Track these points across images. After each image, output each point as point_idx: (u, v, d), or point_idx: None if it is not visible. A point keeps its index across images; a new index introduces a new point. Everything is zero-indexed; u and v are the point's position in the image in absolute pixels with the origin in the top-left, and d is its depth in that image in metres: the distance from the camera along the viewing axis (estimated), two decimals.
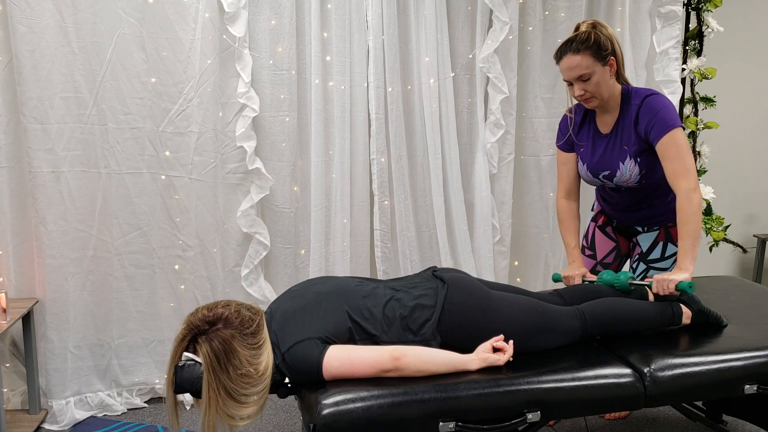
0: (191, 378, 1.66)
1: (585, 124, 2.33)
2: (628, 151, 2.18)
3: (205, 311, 1.70)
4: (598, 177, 2.29)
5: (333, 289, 1.83)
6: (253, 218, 2.82)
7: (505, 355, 1.79)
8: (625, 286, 2.14)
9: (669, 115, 2.09)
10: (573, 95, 2.19)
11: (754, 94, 3.90)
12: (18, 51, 2.47)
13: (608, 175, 2.26)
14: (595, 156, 2.28)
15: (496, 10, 2.98)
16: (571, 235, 2.41)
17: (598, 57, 2.09)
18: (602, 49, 2.09)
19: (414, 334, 1.79)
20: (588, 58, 2.09)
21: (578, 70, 2.10)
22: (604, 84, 2.13)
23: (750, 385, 1.88)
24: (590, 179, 2.33)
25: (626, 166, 2.20)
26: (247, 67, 2.71)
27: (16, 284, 2.67)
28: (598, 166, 2.27)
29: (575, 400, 1.76)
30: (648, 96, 2.15)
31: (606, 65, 2.11)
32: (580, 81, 2.12)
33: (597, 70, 2.10)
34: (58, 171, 2.60)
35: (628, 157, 2.19)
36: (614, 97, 2.19)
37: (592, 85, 2.12)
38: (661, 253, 2.36)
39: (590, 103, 2.18)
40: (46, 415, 2.68)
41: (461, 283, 1.88)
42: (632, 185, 2.24)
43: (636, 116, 2.15)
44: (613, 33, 2.15)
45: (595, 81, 2.11)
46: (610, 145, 2.24)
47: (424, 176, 3.09)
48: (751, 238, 4.01)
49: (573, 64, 2.10)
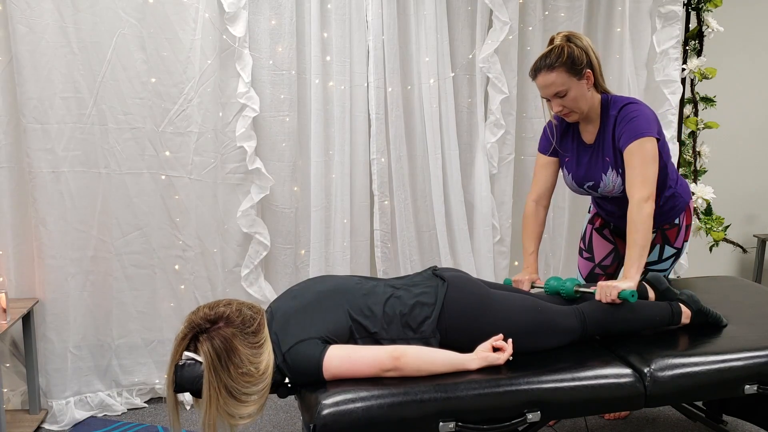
0: (191, 377, 1.66)
1: (569, 134, 2.29)
2: (609, 162, 2.16)
3: (206, 310, 1.70)
4: (583, 187, 2.28)
5: (333, 288, 1.83)
6: (253, 218, 2.82)
7: (504, 354, 1.80)
8: (570, 293, 2.08)
9: (642, 124, 2.04)
10: (551, 111, 2.16)
11: (754, 94, 3.90)
12: (18, 51, 2.47)
13: (592, 186, 2.25)
14: (581, 167, 2.25)
15: (496, 10, 2.98)
16: (531, 241, 2.36)
17: (573, 72, 2.04)
18: (577, 63, 2.04)
19: (414, 331, 1.79)
20: (563, 74, 2.04)
21: (554, 88, 2.06)
22: (582, 98, 2.09)
23: (750, 385, 1.88)
24: (575, 189, 2.32)
25: (609, 177, 2.18)
26: (247, 67, 2.71)
27: (16, 284, 2.67)
28: (582, 176, 2.25)
29: (575, 400, 1.77)
30: (626, 105, 2.11)
31: (582, 79, 2.07)
32: (557, 97, 2.08)
33: (573, 85, 2.06)
34: (58, 171, 2.60)
35: (610, 168, 2.17)
36: (594, 108, 2.16)
37: (570, 101, 2.08)
38: (658, 255, 2.35)
39: (570, 117, 2.15)
40: (46, 415, 2.68)
41: (461, 281, 1.88)
42: (617, 195, 2.23)
43: (614, 126, 2.12)
44: (588, 44, 2.09)
45: (572, 96, 2.07)
46: (594, 156, 2.21)
47: (424, 176, 3.09)
48: (751, 238, 4.01)
49: (548, 82, 2.06)
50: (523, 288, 2.24)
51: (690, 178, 3.46)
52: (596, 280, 2.48)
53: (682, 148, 3.43)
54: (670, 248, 2.33)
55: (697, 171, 3.47)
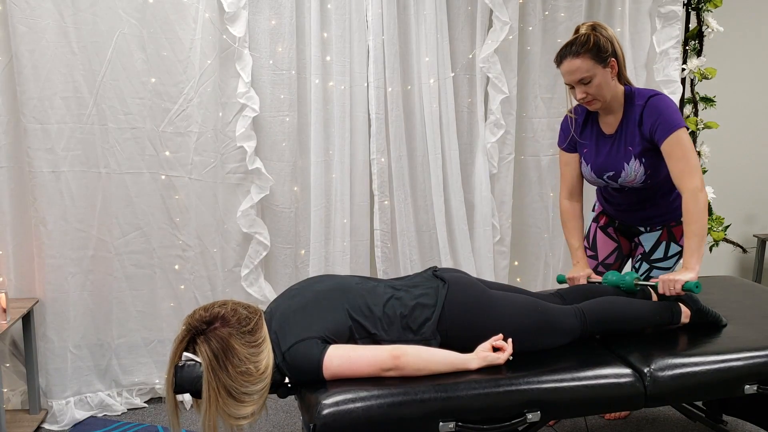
0: (191, 378, 1.66)
1: (588, 125, 2.32)
2: (632, 152, 2.18)
3: (202, 312, 1.71)
4: (603, 178, 2.28)
5: (333, 287, 1.83)
6: (253, 218, 2.82)
7: (504, 354, 1.80)
8: (631, 286, 2.12)
9: (673, 116, 2.09)
10: (575, 98, 2.19)
11: (754, 94, 3.90)
12: (18, 51, 2.47)
13: (613, 176, 2.25)
14: (600, 157, 2.27)
15: (496, 10, 2.98)
16: (575, 237, 2.40)
17: (598, 59, 2.08)
18: (602, 51, 2.08)
19: (414, 333, 1.79)
20: (588, 60, 2.07)
21: (579, 74, 2.09)
22: (606, 86, 2.12)
23: (750, 385, 1.88)
24: (594, 180, 2.32)
25: (631, 167, 2.20)
26: (247, 67, 2.71)
27: (16, 284, 2.67)
28: (603, 166, 2.26)
29: (575, 400, 1.76)
30: (652, 96, 2.14)
31: (607, 67, 2.10)
32: (582, 84, 2.11)
33: (598, 72, 2.09)
34: (58, 171, 2.60)
35: (633, 158, 2.18)
36: (617, 98, 2.18)
37: (594, 88, 2.11)
38: (664, 252, 2.35)
39: (593, 105, 2.17)
40: (46, 415, 2.68)
41: (461, 282, 1.88)
42: (637, 185, 2.24)
43: (640, 117, 2.15)
44: (613, 34, 2.13)
45: (597, 83, 2.10)
46: (615, 146, 2.23)
47: (424, 176, 3.09)
48: (751, 238, 4.01)
49: (573, 68, 2.09)
50: (580, 283, 2.27)
51: None
52: None
53: None
54: (676, 245, 2.33)
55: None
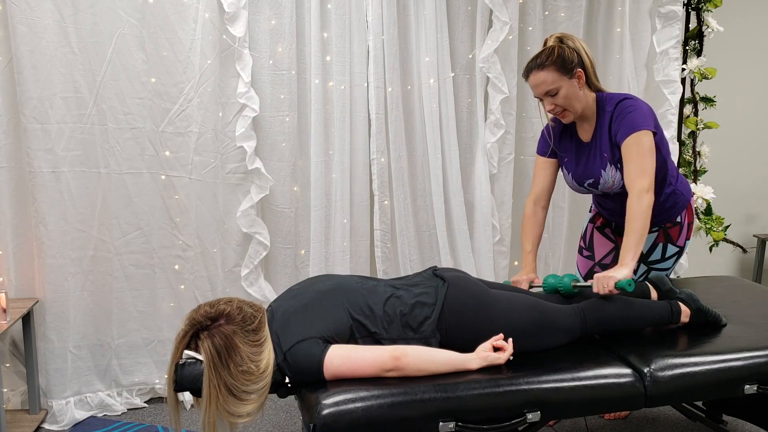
0: (192, 376, 1.66)
1: (566, 134, 2.32)
2: (607, 158, 2.18)
3: (207, 308, 1.70)
4: (584, 185, 2.30)
5: (333, 287, 1.83)
6: (253, 218, 2.82)
7: (505, 354, 1.80)
8: (568, 289, 2.08)
9: (637, 118, 2.08)
10: (546, 111, 2.20)
11: (754, 94, 3.90)
12: (18, 51, 2.47)
13: (592, 183, 2.26)
14: (580, 166, 2.28)
15: (496, 10, 2.98)
16: (529, 240, 2.38)
17: (563, 71, 2.09)
18: (567, 62, 2.09)
19: (414, 331, 1.79)
20: (553, 72, 2.09)
21: (545, 86, 2.11)
22: (574, 97, 2.13)
23: (750, 385, 1.88)
24: (576, 187, 2.34)
25: (608, 173, 2.20)
26: (247, 67, 2.71)
27: (16, 284, 2.67)
28: (582, 175, 2.27)
29: (575, 400, 1.77)
30: (621, 100, 2.15)
31: (573, 78, 2.11)
32: (549, 96, 2.13)
33: (563, 84, 2.10)
34: (58, 171, 2.60)
35: (608, 164, 2.19)
36: (589, 106, 2.19)
37: (561, 99, 2.12)
38: (661, 254, 2.36)
39: (565, 117, 2.18)
40: (46, 415, 2.68)
41: (461, 281, 1.88)
42: (617, 190, 2.24)
43: (609, 122, 2.15)
44: (580, 45, 2.14)
45: (564, 95, 2.11)
46: (592, 154, 2.24)
47: (424, 176, 3.09)
48: (751, 238, 4.01)
49: (539, 81, 2.11)
50: (522, 287, 2.25)
51: (690, 178, 3.46)
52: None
53: (682, 148, 3.43)
54: (673, 246, 2.34)
55: (697, 171, 3.46)
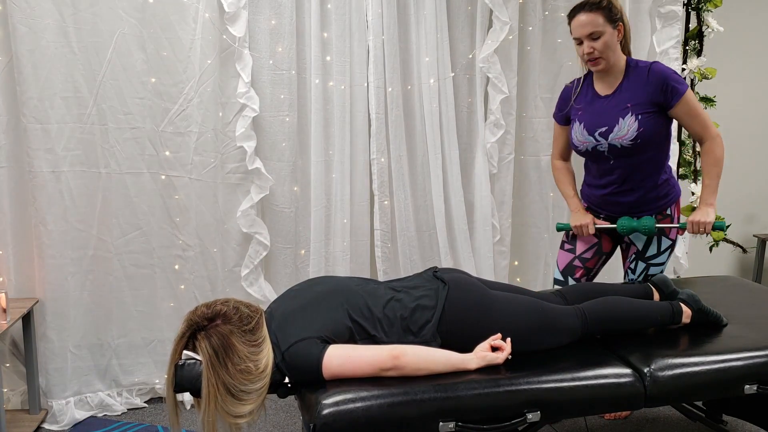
0: (191, 376, 1.67)
1: (582, 90, 2.44)
2: (631, 109, 2.27)
3: (204, 308, 1.71)
4: (594, 135, 2.35)
5: (333, 288, 1.83)
6: (253, 218, 2.82)
7: (503, 354, 1.80)
8: (651, 229, 2.30)
9: (680, 80, 2.25)
10: (581, 54, 2.29)
11: (754, 94, 3.90)
12: (18, 51, 2.48)
13: (604, 132, 2.32)
14: (594, 115, 2.36)
15: (496, 10, 2.98)
16: (569, 186, 2.56)
17: (609, 19, 2.23)
18: (614, 12, 2.24)
19: (414, 335, 1.79)
20: (600, 17, 2.22)
21: (590, 27, 2.23)
22: (612, 46, 2.25)
23: (750, 385, 1.88)
24: (584, 138, 2.37)
25: (626, 122, 2.28)
26: (247, 67, 2.71)
27: (16, 284, 2.67)
28: (596, 122, 2.34)
29: (575, 400, 1.76)
30: (654, 62, 2.30)
31: (615, 29, 2.25)
32: (590, 39, 2.24)
33: (607, 30, 2.23)
34: (58, 171, 2.60)
35: (629, 113, 2.27)
36: (618, 63, 2.31)
37: (601, 44, 2.24)
38: (657, 249, 2.40)
39: (598, 64, 2.28)
40: (46, 415, 2.68)
41: (462, 284, 1.88)
42: (626, 144, 2.28)
43: (646, 79, 2.26)
44: (622, 7, 2.29)
45: (604, 40, 2.24)
46: (611, 104, 2.32)
47: (424, 176, 3.09)
48: (751, 238, 4.01)
49: (585, 21, 2.23)
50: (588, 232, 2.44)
51: (690, 178, 3.46)
52: (573, 273, 2.51)
53: (682, 148, 3.43)
54: (666, 239, 2.41)
55: (697, 171, 3.46)
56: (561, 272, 2.55)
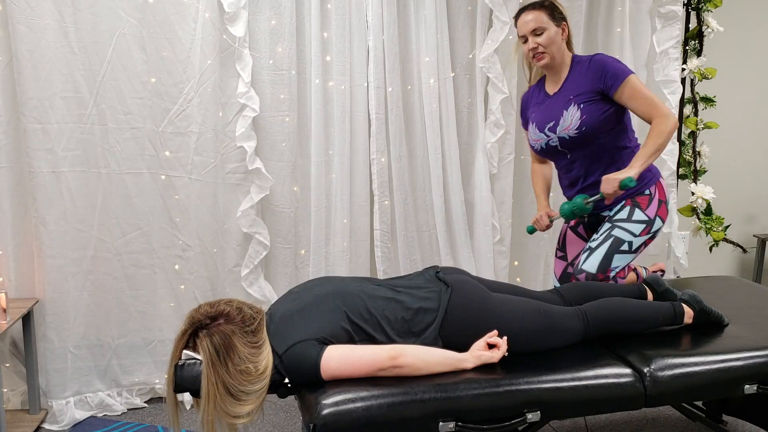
0: (191, 376, 1.67)
1: (535, 93, 2.53)
2: (573, 100, 2.33)
3: (207, 307, 1.71)
4: (544, 131, 2.41)
5: (332, 290, 1.82)
6: (253, 218, 2.82)
7: (499, 352, 1.80)
8: (581, 206, 2.29)
9: (620, 66, 2.28)
10: (526, 52, 2.39)
11: (754, 94, 3.90)
12: (18, 51, 2.48)
13: (552, 126, 2.39)
14: (542, 112, 2.43)
15: (496, 10, 2.98)
16: (538, 186, 2.64)
17: (552, 17, 2.34)
18: (556, 12, 2.35)
19: (416, 336, 1.79)
20: (543, 14, 2.34)
21: (533, 24, 2.33)
22: (555, 42, 2.34)
23: (750, 385, 1.88)
24: (536, 136, 2.45)
25: (569, 113, 2.34)
26: (247, 67, 2.71)
27: (16, 284, 2.67)
28: (544, 118, 2.41)
29: (575, 400, 1.76)
30: (596, 54, 2.36)
31: (559, 27, 2.35)
32: (534, 35, 2.34)
33: (550, 27, 2.33)
34: (58, 171, 2.60)
35: (572, 104, 2.33)
36: (564, 62, 2.40)
37: (544, 39, 2.33)
38: (627, 215, 2.34)
39: (542, 60, 2.36)
40: (46, 415, 2.68)
41: (465, 287, 1.87)
42: (573, 134, 2.32)
43: (587, 69, 2.33)
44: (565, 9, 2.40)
45: (547, 36, 2.33)
46: (557, 100, 2.39)
47: (424, 176, 3.09)
48: (751, 238, 4.01)
49: (529, 18, 2.35)
50: (543, 223, 2.51)
51: (690, 178, 3.46)
52: (569, 280, 2.50)
53: (682, 148, 3.43)
54: (641, 213, 2.34)
55: (697, 171, 3.46)
56: (558, 280, 2.57)
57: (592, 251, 2.29)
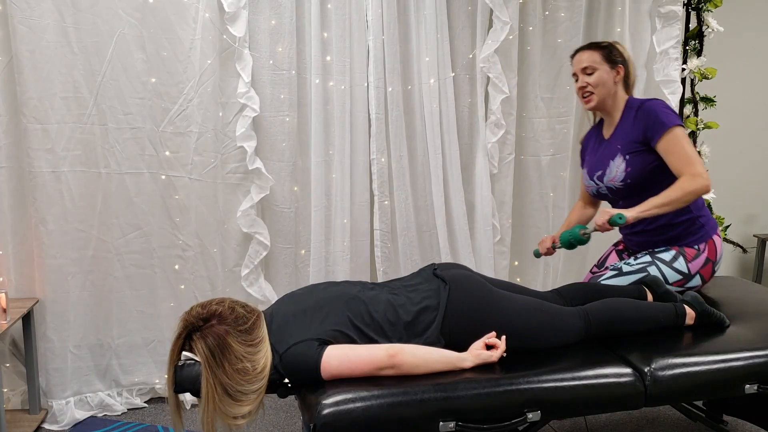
0: (191, 377, 1.67)
1: (593, 136, 2.48)
2: (620, 150, 2.26)
3: (199, 309, 1.70)
4: (593, 179, 2.37)
5: (336, 294, 1.83)
6: (253, 218, 2.82)
7: (497, 352, 1.80)
8: (577, 236, 2.24)
9: (668, 116, 2.18)
10: (577, 90, 2.35)
11: (754, 94, 3.90)
12: (18, 51, 2.48)
13: (600, 176, 2.34)
14: (593, 158, 2.41)
15: (497, 10, 2.98)
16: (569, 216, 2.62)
17: (607, 58, 2.28)
18: (614, 54, 2.29)
19: (418, 337, 1.79)
20: (598, 55, 2.29)
21: (584, 63, 2.29)
22: (606, 84, 2.28)
23: (750, 385, 1.88)
24: (588, 183, 2.42)
25: (615, 163, 2.28)
26: (247, 67, 2.71)
27: (16, 284, 2.67)
28: (594, 166, 2.38)
29: (575, 400, 1.76)
30: (648, 100, 2.26)
31: (613, 69, 2.28)
32: (584, 73, 2.30)
33: (602, 68, 2.27)
34: (58, 171, 2.60)
35: (618, 154, 2.27)
36: (617, 104, 2.32)
37: (594, 79, 2.28)
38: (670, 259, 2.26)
39: (589, 102, 2.31)
40: (46, 415, 2.68)
41: (463, 281, 1.87)
42: (619, 186, 2.27)
43: (635, 117, 2.25)
44: (629, 55, 2.34)
45: (597, 77, 2.27)
46: (607, 147, 2.34)
47: (424, 176, 3.09)
48: (751, 238, 4.01)
49: (583, 57, 2.31)
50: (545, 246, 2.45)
51: None
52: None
53: None
54: (684, 264, 2.25)
55: None
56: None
57: (621, 274, 2.27)
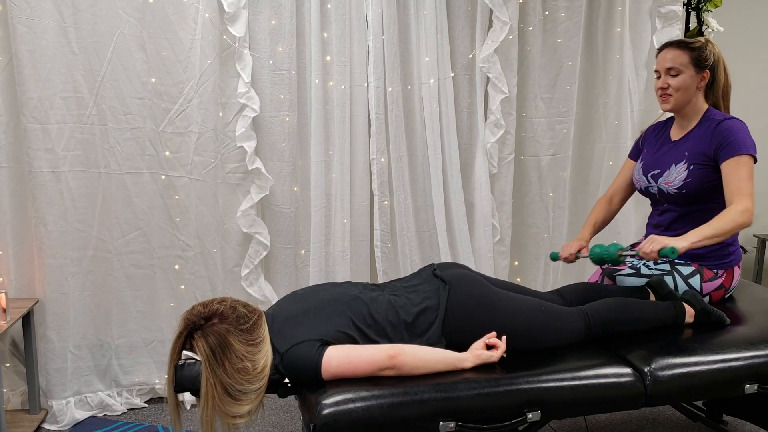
0: (191, 376, 1.67)
1: (658, 133, 2.38)
2: (687, 157, 2.19)
3: (200, 308, 1.71)
4: (647, 175, 2.30)
5: (336, 296, 1.83)
6: (253, 218, 2.82)
7: (498, 352, 1.80)
8: (614, 258, 2.13)
9: (745, 141, 2.10)
10: (656, 88, 2.23)
11: (754, 94, 3.90)
12: (18, 51, 2.47)
13: (655, 175, 2.27)
14: (654, 156, 2.31)
15: (496, 10, 2.98)
16: (592, 216, 2.48)
17: (694, 62, 2.15)
18: (703, 57, 2.15)
19: (419, 338, 1.79)
20: (686, 56, 2.15)
21: (670, 63, 2.16)
22: (688, 89, 2.17)
23: (750, 385, 1.88)
24: (639, 177, 2.34)
25: (676, 169, 2.20)
26: (247, 67, 2.71)
27: (16, 284, 2.67)
28: (652, 163, 2.29)
29: (575, 400, 1.77)
30: (730, 118, 2.17)
31: (699, 73, 2.17)
32: (668, 74, 2.17)
33: (688, 72, 2.15)
34: (58, 171, 2.60)
35: (683, 161, 2.19)
36: (695, 110, 2.22)
37: (676, 82, 2.16)
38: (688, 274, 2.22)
39: (666, 102, 2.21)
40: (46, 415, 2.68)
41: (463, 281, 1.87)
42: (672, 192, 2.21)
43: (713, 131, 2.15)
44: (723, 60, 2.20)
45: (681, 80, 2.16)
46: (674, 149, 2.25)
47: (424, 176, 3.09)
48: (751, 238, 4.01)
49: (669, 56, 2.17)
50: (568, 251, 2.32)
51: None
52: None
53: None
54: (698, 282, 2.21)
55: None
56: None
57: (638, 275, 2.23)
